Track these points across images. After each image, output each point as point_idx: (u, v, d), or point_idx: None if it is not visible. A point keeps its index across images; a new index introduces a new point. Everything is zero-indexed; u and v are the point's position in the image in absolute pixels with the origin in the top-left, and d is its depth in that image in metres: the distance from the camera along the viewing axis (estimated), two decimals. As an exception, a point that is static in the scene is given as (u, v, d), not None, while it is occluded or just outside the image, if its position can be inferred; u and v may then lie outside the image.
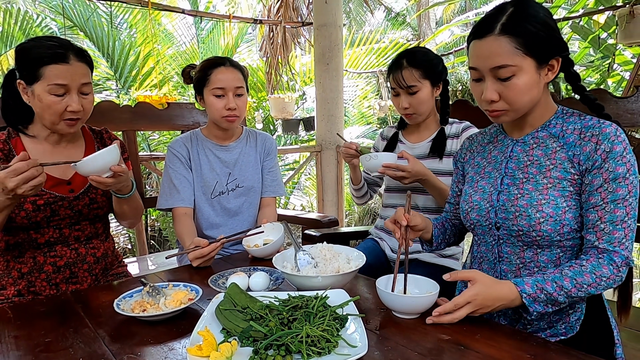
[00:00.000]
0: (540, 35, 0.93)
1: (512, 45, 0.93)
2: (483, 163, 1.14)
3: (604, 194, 0.93)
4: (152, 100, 3.74)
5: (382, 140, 1.77)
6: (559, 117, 1.03)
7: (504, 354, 0.80)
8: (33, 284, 1.31)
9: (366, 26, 12.04)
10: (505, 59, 0.93)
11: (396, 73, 1.53)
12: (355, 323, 0.85)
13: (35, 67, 1.20)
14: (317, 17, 3.82)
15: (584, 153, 0.95)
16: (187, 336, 0.89)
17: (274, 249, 1.38)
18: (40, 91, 1.21)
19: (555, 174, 0.98)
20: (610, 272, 0.91)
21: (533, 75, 0.95)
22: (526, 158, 1.04)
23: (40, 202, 1.27)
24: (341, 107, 4.01)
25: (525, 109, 1.00)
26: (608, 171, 0.92)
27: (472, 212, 1.09)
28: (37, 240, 1.31)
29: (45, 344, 0.88)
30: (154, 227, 5.77)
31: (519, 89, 0.95)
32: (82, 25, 6.12)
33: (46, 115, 1.24)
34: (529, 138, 1.05)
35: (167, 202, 1.58)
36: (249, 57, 7.81)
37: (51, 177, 1.31)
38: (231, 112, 1.55)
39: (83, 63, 1.25)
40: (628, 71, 3.40)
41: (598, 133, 0.94)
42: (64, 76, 1.20)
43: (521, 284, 0.91)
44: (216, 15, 4.67)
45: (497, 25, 0.94)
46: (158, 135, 6.18)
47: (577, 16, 3.32)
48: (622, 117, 1.34)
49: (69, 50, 1.22)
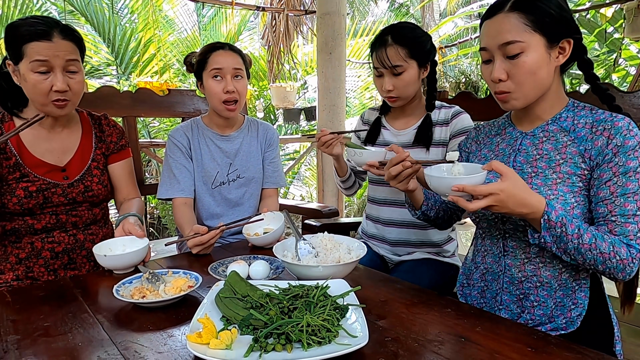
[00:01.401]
0: (551, 12, 0.92)
1: (521, 21, 0.92)
2: (490, 155, 1.12)
3: (613, 188, 0.91)
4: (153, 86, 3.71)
5: (363, 125, 1.63)
6: (570, 110, 1.01)
7: (504, 347, 0.80)
8: (31, 270, 1.31)
9: (369, 16, 11.94)
10: (514, 35, 0.93)
11: (380, 51, 1.38)
12: (356, 313, 0.85)
13: (19, 44, 1.19)
14: (321, 5, 3.78)
15: (595, 148, 0.93)
16: (186, 323, 0.88)
17: (274, 238, 1.37)
18: (25, 70, 1.19)
19: (565, 169, 0.97)
20: (626, 255, 0.88)
21: (542, 54, 0.93)
22: (535, 152, 1.02)
23: (32, 188, 1.26)
24: (343, 97, 3.98)
25: (533, 92, 0.98)
26: (618, 165, 0.90)
27: None
28: (34, 226, 1.30)
29: (44, 328, 0.87)
30: (153, 215, 5.77)
31: (527, 67, 0.94)
32: (82, 9, 6.05)
33: (33, 96, 1.22)
34: (539, 131, 1.03)
35: (167, 192, 1.56)
36: (251, 46, 7.75)
37: (45, 163, 1.29)
38: (230, 96, 1.51)
39: (68, 41, 1.22)
40: (634, 66, 3.37)
41: (610, 127, 0.92)
42: (45, 53, 1.18)
43: (551, 207, 0.88)
44: (218, 2, 4.61)
45: (507, 3, 0.94)
46: (158, 122, 6.16)
47: (584, 9, 3.29)
48: (628, 112, 1.33)
49: (52, 28, 1.20)
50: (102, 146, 1.45)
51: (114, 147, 1.48)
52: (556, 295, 1.00)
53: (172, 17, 7.45)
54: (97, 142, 1.44)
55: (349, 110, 7.59)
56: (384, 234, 1.57)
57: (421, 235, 1.53)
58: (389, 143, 1.51)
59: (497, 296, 1.08)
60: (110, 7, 6.36)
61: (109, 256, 1.16)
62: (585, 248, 0.89)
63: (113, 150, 1.48)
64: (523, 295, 1.04)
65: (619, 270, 0.89)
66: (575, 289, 1.00)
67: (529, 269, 1.02)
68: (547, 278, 1.01)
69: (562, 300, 1.00)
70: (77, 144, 1.39)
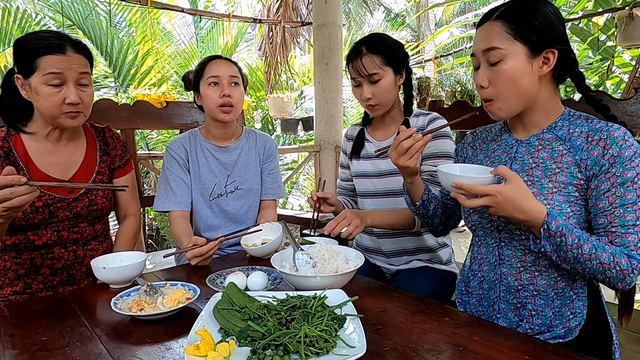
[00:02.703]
0: (534, 23, 0.93)
1: (504, 29, 0.95)
2: (486, 162, 1.13)
3: (612, 199, 0.91)
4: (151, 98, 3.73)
5: (348, 142, 1.65)
6: (566, 119, 1.01)
7: (502, 356, 0.80)
8: (29, 286, 1.30)
9: (365, 27, 12.04)
10: (495, 42, 0.96)
11: (355, 61, 1.41)
12: (354, 323, 0.85)
13: (31, 58, 1.19)
14: (317, 17, 3.82)
15: (591, 158, 0.93)
16: (184, 335, 0.88)
17: (272, 248, 1.37)
18: (37, 83, 1.20)
19: (561, 178, 0.97)
20: (626, 266, 0.88)
21: (523, 63, 0.95)
22: (531, 160, 1.02)
23: (38, 203, 1.26)
24: (340, 107, 4.01)
25: (516, 101, 0.99)
26: (615, 176, 0.90)
27: (474, 214, 1.09)
28: (34, 242, 1.29)
29: (42, 342, 0.87)
30: (151, 226, 5.76)
31: (506, 75, 0.95)
32: (80, 23, 6.10)
33: (45, 109, 1.22)
34: (534, 139, 1.03)
35: (164, 205, 1.56)
36: (248, 57, 7.80)
37: (50, 178, 1.29)
38: (226, 100, 1.52)
39: (80, 55, 1.24)
40: (627, 73, 3.41)
41: (606, 137, 0.92)
42: (59, 66, 1.19)
43: (551, 217, 0.88)
44: (215, 14, 4.67)
45: (496, 12, 0.98)
46: (156, 134, 6.17)
47: (577, 18, 3.33)
48: (621, 119, 1.34)
49: (65, 42, 1.22)
50: (107, 159, 1.45)
51: (119, 161, 1.48)
52: (554, 304, 1.00)
53: (170, 30, 7.51)
54: (101, 155, 1.43)
55: (346, 120, 7.62)
56: (379, 245, 1.58)
57: (415, 242, 1.53)
58: (372, 155, 1.54)
59: (495, 305, 1.08)
60: (107, 21, 6.41)
61: (108, 269, 1.16)
62: (585, 258, 0.89)
63: (119, 164, 1.48)
64: (520, 304, 1.04)
65: (618, 280, 0.90)
66: (573, 298, 1.00)
67: (525, 278, 1.02)
68: (543, 287, 1.01)
69: (560, 310, 1.00)
70: (81, 158, 1.38)
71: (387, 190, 1.52)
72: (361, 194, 1.60)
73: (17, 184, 0.98)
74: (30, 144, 1.30)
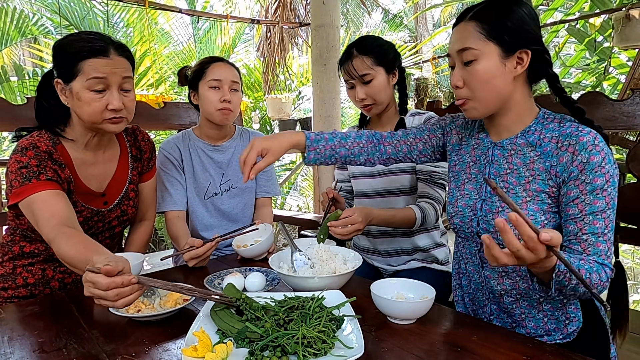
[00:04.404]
0: (506, 23, 0.93)
1: (477, 29, 0.94)
2: (467, 160, 1.12)
3: (581, 206, 0.89)
4: (149, 99, 3.72)
5: None
6: (539, 122, 0.99)
7: (500, 356, 0.80)
8: (34, 296, 1.28)
9: (363, 27, 12.06)
10: (468, 42, 0.95)
11: (347, 64, 1.44)
12: (352, 324, 0.85)
13: (73, 62, 1.12)
14: (315, 18, 3.82)
15: (561, 164, 0.92)
16: (182, 337, 0.88)
17: (261, 249, 1.38)
18: (79, 88, 1.13)
19: (534, 186, 0.96)
20: (605, 277, 0.87)
21: (496, 64, 0.94)
22: (506, 165, 1.01)
23: (80, 219, 1.19)
24: (338, 108, 4.00)
25: (491, 101, 0.97)
26: (585, 183, 0.89)
27: (456, 218, 1.08)
28: (52, 256, 1.22)
29: (39, 344, 0.87)
30: (149, 227, 5.74)
31: (479, 75, 0.95)
32: (77, 24, 6.08)
33: (87, 116, 1.15)
34: (507, 143, 1.02)
35: (160, 206, 1.56)
36: (246, 57, 7.79)
37: (90, 190, 1.25)
38: (226, 105, 1.52)
39: (124, 58, 1.17)
40: (623, 74, 3.42)
41: (575, 142, 0.90)
42: (104, 70, 1.12)
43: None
44: (213, 15, 4.66)
45: (470, 12, 0.97)
46: (154, 135, 6.16)
47: (574, 19, 3.34)
48: (618, 119, 1.35)
49: (109, 44, 1.14)
50: (138, 165, 1.40)
51: (147, 165, 1.43)
52: (543, 307, 1.00)
53: (168, 30, 7.49)
54: (133, 161, 1.38)
55: (344, 121, 7.62)
56: (375, 245, 1.58)
57: (410, 242, 1.54)
58: None
59: (486, 307, 1.09)
60: (105, 21, 6.40)
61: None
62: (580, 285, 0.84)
63: (146, 169, 1.43)
64: (507, 308, 1.04)
65: (601, 292, 0.88)
66: (564, 301, 0.99)
67: (507, 283, 1.02)
68: (525, 290, 1.00)
69: (554, 314, 1.00)
70: (115, 166, 1.33)
71: (384, 190, 1.53)
72: (359, 194, 1.61)
73: (127, 284, 0.81)
74: (74, 154, 1.23)
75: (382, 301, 0.93)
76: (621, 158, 3.18)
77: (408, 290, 1.00)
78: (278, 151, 1.09)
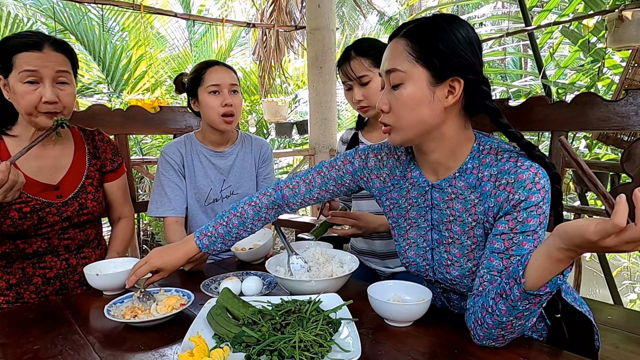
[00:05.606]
0: (438, 45, 0.83)
1: (407, 49, 0.85)
2: (404, 204, 1.02)
3: (508, 243, 0.82)
4: (145, 103, 3.72)
5: (343, 145, 1.66)
6: (475, 156, 0.90)
7: (497, 357, 0.80)
8: (22, 296, 1.28)
9: (359, 30, 12.09)
10: (397, 63, 0.86)
11: (344, 65, 1.44)
12: (349, 327, 0.85)
13: (8, 56, 1.17)
14: (310, 21, 3.83)
15: (497, 204, 0.84)
16: (178, 342, 0.88)
17: (261, 253, 1.38)
18: (14, 81, 1.18)
19: (478, 232, 0.90)
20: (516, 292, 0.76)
21: (423, 90, 0.85)
22: (448, 211, 0.93)
23: (26, 209, 1.24)
24: (334, 111, 4.01)
25: (412, 130, 0.88)
26: (517, 221, 0.81)
27: (411, 268, 1.04)
28: (25, 251, 1.27)
29: (34, 351, 0.86)
30: (146, 232, 5.72)
31: (403, 100, 0.86)
32: (73, 29, 6.07)
33: (22, 108, 1.20)
34: (446, 185, 0.93)
35: (158, 211, 1.55)
36: (242, 61, 7.80)
37: (37, 182, 1.27)
38: (228, 109, 1.52)
39: (59, 53, 1.22)
40: (617, 75, 3.44)
41: (513, 180, 0.81)
42: (35, 63, 1.17)
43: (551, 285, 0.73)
44: (209, 19, 4.66)
45: (404, 29, 0.88)
46: (150, 139, 6.14)
47: (567, 21, 3.35)
48: (612, 120, 1.35)
49: (43, 40, 1.20)
50: (97, 162, 1.43)
51: (110, 165, 1.46)
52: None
53: (164, 34, 7.49)
54: (90, 158, 1.42)
55: (341, 123, 7.65)
56: (373, 247, 1.58)
57: None
58: None
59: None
60: (100, 26, 6.38)
61: (101, 275, 1.15)
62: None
63: (110, 169, 1.46)
64: None
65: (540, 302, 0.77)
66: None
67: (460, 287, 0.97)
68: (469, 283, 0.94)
69: None
70: (69, 161, 1.36)
71: None
72: (357, 196, 1.60)
73: None
74: (13, 148, 1.27)
75: (379, 304, 0.93)
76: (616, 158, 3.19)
77: (405, 292, 1.00)
78: (172, 269, 1.14)
